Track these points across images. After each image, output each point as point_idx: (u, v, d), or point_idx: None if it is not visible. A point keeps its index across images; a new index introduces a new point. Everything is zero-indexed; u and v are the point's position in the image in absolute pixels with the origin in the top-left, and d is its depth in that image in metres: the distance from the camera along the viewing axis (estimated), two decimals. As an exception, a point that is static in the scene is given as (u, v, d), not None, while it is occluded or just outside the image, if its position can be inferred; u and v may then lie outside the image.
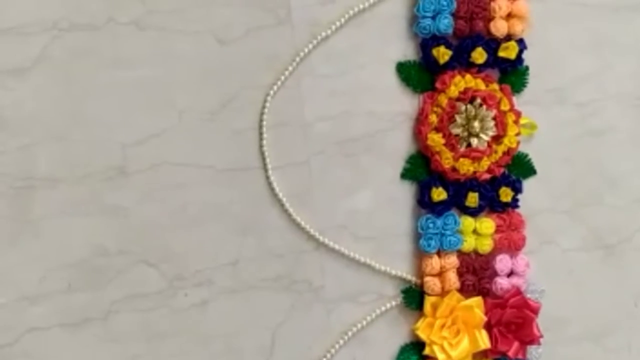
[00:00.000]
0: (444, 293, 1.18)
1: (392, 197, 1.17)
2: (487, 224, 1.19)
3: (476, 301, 1.18)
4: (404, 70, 1.18)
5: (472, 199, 1.18)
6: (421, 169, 1.19)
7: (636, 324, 1.24)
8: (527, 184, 1.21)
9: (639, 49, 1.25)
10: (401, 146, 1.17)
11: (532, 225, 1.21)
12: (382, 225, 1.17)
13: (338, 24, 1.16)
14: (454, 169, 1.18)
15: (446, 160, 1.18)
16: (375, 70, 1.16)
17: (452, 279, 1.18)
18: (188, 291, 1.12)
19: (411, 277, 1.18)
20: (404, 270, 1.18)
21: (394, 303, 1.17)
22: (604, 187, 1.24)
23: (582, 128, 1.23)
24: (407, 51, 1.17)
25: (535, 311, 1.20)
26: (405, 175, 1.18)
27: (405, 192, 1.18)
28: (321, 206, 1.15)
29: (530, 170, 1.22)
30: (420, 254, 1.18)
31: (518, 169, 1.21)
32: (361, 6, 1.19)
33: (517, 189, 1.20)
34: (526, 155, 1.21)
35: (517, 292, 1.20)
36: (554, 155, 1.22)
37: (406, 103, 1.17)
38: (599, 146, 1.23)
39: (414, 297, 1.19)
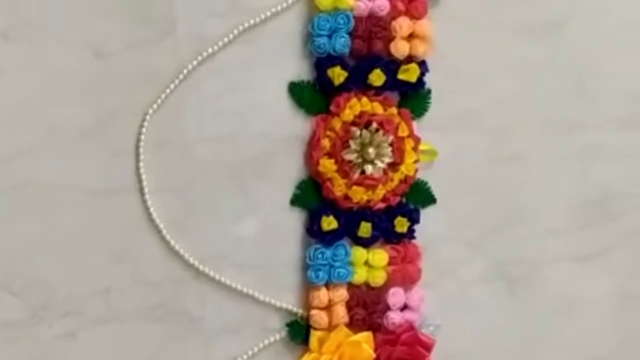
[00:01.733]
0: (331, 327, 1.12)
1: (280, 225, 1.11)
2: (380, 255, 1.13)
3: (365, 337, 1.12)
4: (297, 91, 1.11)
5: (365, 229, 1.12)
6: (312, 196, 1.12)
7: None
8: (427, 213, 1.15)
9: (552, 71, 1.17)
10: (292, 171, 1.11)
11: (430, 256, 1.15)
12: (268, 254, 1.11)
13: (226, 39, 1.08)
14: (346, 197, 1.11)
15: (338, 187, 1.11)
16: (266, 90, 1.09)
17: (341, 313, 1.12)
18: (54, 321, 1.06)
19: (297, 310, 1.12)
20: (290, 302, 1.12)
21: (278, 336, 1.12)
22: (511, 217, 1.17)
23: (489, 155, 1.16)
24: (300, 71, 1.10)
25: (428, 348, 1.14)
26: (295, 201, 1.11)
27: (295, 220, 1.11)
28: (203, 233, 1.09)
29: (429, 199, 1.15)
30: (307, 286, 1.11)
31: (416, 197, 1.15)
32: (252, 21, 1.11)
33: (414, 219, 1.14)
34: (426, 183, 1.15)
35: (410, 327, 1.14)
36: (458, 183, 1.15)
37: (298, 126, 1.10)
38: (507, 174, 1.17)
39: (299, 331, 1.13)
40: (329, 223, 1.11)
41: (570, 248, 1.18)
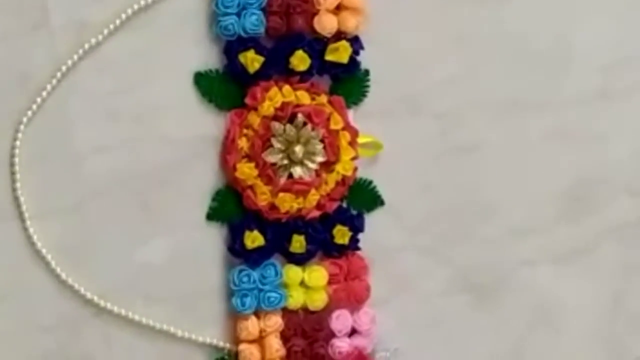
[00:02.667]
0: None
1: (196, 245, 0.97)
2: (318, 273, 0.99)
3: None
4: (205, 83, 0.96)
5: (298, 243, 0.98)
6: (231, 208, 0.98)
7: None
8: (374, 218, 1.01)
9: (509, 45, 1.01)
10: (205, 180, 0.97)
11: (381, 269, 1.01)
12: (183, 281, 0.97)
13: (112, 27, 0.91)
14: (272, 207, 0.97)
15: (262, 195, 0.97)
16: (167, 84, 0.95)
17: (275, 346, 0.98)
18: None
19: (224, 344, 0.98)
20: (215, 336, 0.99)
21: None
22: (472, 217, 1.03)
23: (443, 144, 1.02)
24: (207, 58, 0.96)
25: (385, 378, 1.01)
26: (212, 216, 0.97)
27: (214, 238, 0.98)
28: (101, 262, 0.95)
29: (375, 201, 1.01)
30: (234, 315, 0.98)
31: (359, 200, 1.01)
32: (142, 3, 0.93)
33: (357, 227, 1.00)
34: (369, 183, 1.01)
35: (360, 355, 1.00)
36: (408, 181, 1.01)
37: (209, 124, 0.96)
38: (464, 165, 1.03)
39: None
40: (254, 239, 0.97)
41: (546, 248, 1.04)
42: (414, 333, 1.03)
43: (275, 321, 0.98)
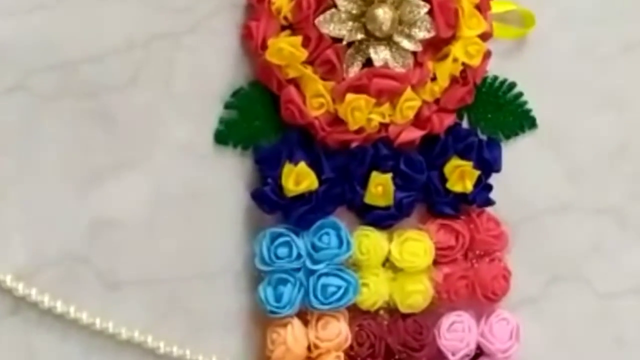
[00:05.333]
0: None
1: (195, 189, 0.63)
2: (417, 245, 0.65)
3: None
4: None
5: (380, 187, 0.64)
6: (259, 122, 0.63)
7: None
8: (519, 149, 0.68)
9: None
10: (216, 72, 0.63)
11: (532, 243, 0.69)
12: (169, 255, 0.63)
13: None
14: (334, 121, 0.63)
15: (315, 99, 0.62)
16: None
17: None
18: None
19: None
20: (224, 355, 0.64)
21: None
22: None
23: None
24: None
25: None
26: (224, 136, 0.62)
27: (227, 175, 0.63)
28: None
29: (522, 120, 0.67)
30: (260, 319, 0.65)
31: (495, 116, 0.67)
32: None
33: (489, 164, 0.66)
34: (512, 86, 0.67)
35: None
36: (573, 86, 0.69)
37: None
38: None
39: None
40: (300, 178, 0.63)
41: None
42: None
43: (336, 331, 0.65)
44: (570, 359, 0.74)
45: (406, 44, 0.62)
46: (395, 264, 0.65)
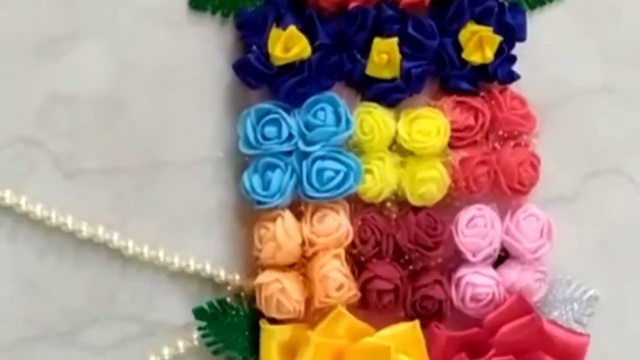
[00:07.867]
0: (315, 312, 0.56)
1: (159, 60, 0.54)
2: (430, 123, 0.55)
3: (406, 331, 0.56)
4: None
5: (384, 55, 0.53)
6: None
7: None
8: (550, 23, 0.58)
9: None
10: None
11: (569, 128, 0.59)
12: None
13: None
14: None
15: None
16: None
17: (336, 277, 0.54)
18: None
19: (227, 274, 0.55)
20: (205, 257, 0.56)
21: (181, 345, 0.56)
22: None
23: None
24: None
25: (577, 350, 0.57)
26: (197, 0, 0.54)
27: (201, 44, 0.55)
28: None
29: None
30: (246, 213, 0.56)
31: None
32: None
33: (514, 30, 0.55)
34: None
35: (521, 305, 0.56)
36: None
37: None
38: None
39: (233, 328, 0.56)
40: (290, 42, 0.53)
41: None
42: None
43: (335, 225, 0.55)
44: (610, 263, 0.64)
45: None
46: (403, 146, 0.55)
